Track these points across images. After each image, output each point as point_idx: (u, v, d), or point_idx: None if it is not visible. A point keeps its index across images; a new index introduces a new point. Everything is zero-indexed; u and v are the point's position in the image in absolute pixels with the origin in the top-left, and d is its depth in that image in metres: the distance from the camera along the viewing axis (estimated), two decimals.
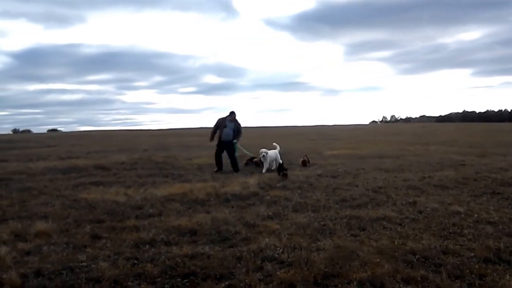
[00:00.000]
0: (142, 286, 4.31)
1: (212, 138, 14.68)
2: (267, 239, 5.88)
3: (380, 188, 10.12)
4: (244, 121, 24.05)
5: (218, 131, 14.43)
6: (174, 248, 5.59)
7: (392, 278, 4.52)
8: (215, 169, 14.24)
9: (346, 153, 21.62)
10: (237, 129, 14.43)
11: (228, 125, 14.27)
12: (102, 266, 4.85)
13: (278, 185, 10.85)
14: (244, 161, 15.85)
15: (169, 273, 4.69)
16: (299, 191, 9.85)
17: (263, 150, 14.19)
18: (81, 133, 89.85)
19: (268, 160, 14.04)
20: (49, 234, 6.35)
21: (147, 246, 5.69)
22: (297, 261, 4.97)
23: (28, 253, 5.51)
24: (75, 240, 6.06)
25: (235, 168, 14.17)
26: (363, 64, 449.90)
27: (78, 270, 4.79)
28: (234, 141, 14.39)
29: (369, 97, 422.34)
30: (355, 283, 4.41)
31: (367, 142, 32.83)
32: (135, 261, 5.08)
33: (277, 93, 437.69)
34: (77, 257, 5.26)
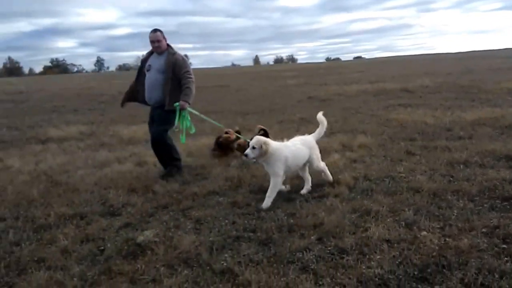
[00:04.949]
0: (461, 201, 4.20)
1: None
2: None
3: None
4: None
5: None
6: (490, 171, 5.14)
7: None
8: None
9: None
10: None
11: None
12: (420, 179, 4.95)
13: None
14: None
15: (487, 193, 4.39)
16: None
17: None
18: (383, 59, 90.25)
19: None
20: (369, 147, 6.86)
21: (461, 166, 5.43)
22: None
23: (354, 161, 6.12)
24: (391, 154, 6.36)
25: None
26: None
27: (398, 180, 5.05)
28: None
29: None
30: None
31: None
32: (451, 178, 4.96)
33: None
34: (395, 168, 5.52)
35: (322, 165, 5.00)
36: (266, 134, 6.77)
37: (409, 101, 12.48)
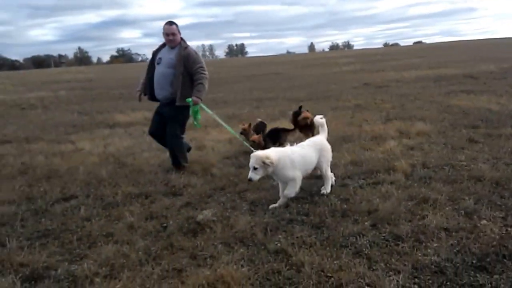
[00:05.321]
0: None
1: None
2: None
3: None
4: None
5: None
6: None
7: None
8: None
9: None
10: None
11: None
12: (482, 167, 4.70)
13: None
14: None
15: None
16: None
17: None
18: (444, 44, 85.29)
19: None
20: (428, 134, 6.59)
21: None
22: None
23: (411, 148, 5.91)
24: (452, 141, 6.07)
25: None
26: None
27: (459, 168, 4.83)
28: None
29: None
30: None
31: None
32: None
33: None
34: (456, 156, 5.28)
35: (329, 174, 4.42)
36: (263, 127, 6.65)
37: (472, 87, 11.77)
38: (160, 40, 5.57)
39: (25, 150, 7.37)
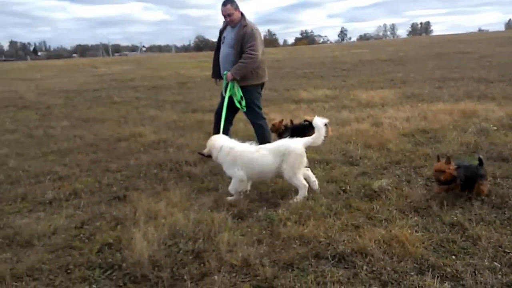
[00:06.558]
0: None
1: None
2: None
3: None
4: None
5: None
6: None
7: None
8: None
9: None
10: None
11: None
12: None
13: None
14: None
15: None
16: None
17: None
18: None
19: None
20: None
21: None
22: None
23: None
24: None
25: None
26: None
27: None
28: None
29: None
30: None
31: None
32: None
33: None
34: None
35: (298, 181, 3.92)
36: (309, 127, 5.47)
37: None
38: (343, 21, 5.75)
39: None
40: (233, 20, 4.98)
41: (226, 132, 4.78)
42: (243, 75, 4.91)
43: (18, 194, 4.39)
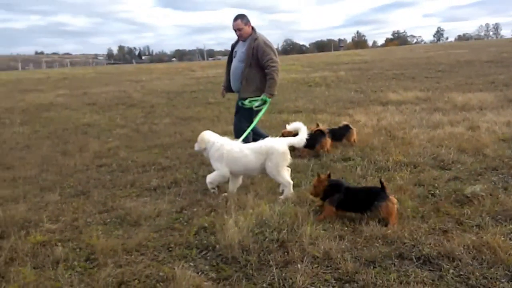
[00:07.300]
0: None
1: None
2: None
3: None
4: None
5: None
6: None
7: None
8: None
9: None
10: None
11: None
12: None
13: None
14: None
15: None
16: None
17: None
18: None
19: None
20: None
21: None
22: None
23: None
24: None
25: None
26: None
27: None
28: None
29: None
30: None
31: None
32: None
33: None
34: None
35: (282, 178, 4.12)
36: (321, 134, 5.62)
37: None
38: (440, 21, 5.53)
39: (313, 119, 8.72)
40: (242, 34, 5.12)
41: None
42: (274, 88, 5.04)
43: (128, 181, 4.98)
